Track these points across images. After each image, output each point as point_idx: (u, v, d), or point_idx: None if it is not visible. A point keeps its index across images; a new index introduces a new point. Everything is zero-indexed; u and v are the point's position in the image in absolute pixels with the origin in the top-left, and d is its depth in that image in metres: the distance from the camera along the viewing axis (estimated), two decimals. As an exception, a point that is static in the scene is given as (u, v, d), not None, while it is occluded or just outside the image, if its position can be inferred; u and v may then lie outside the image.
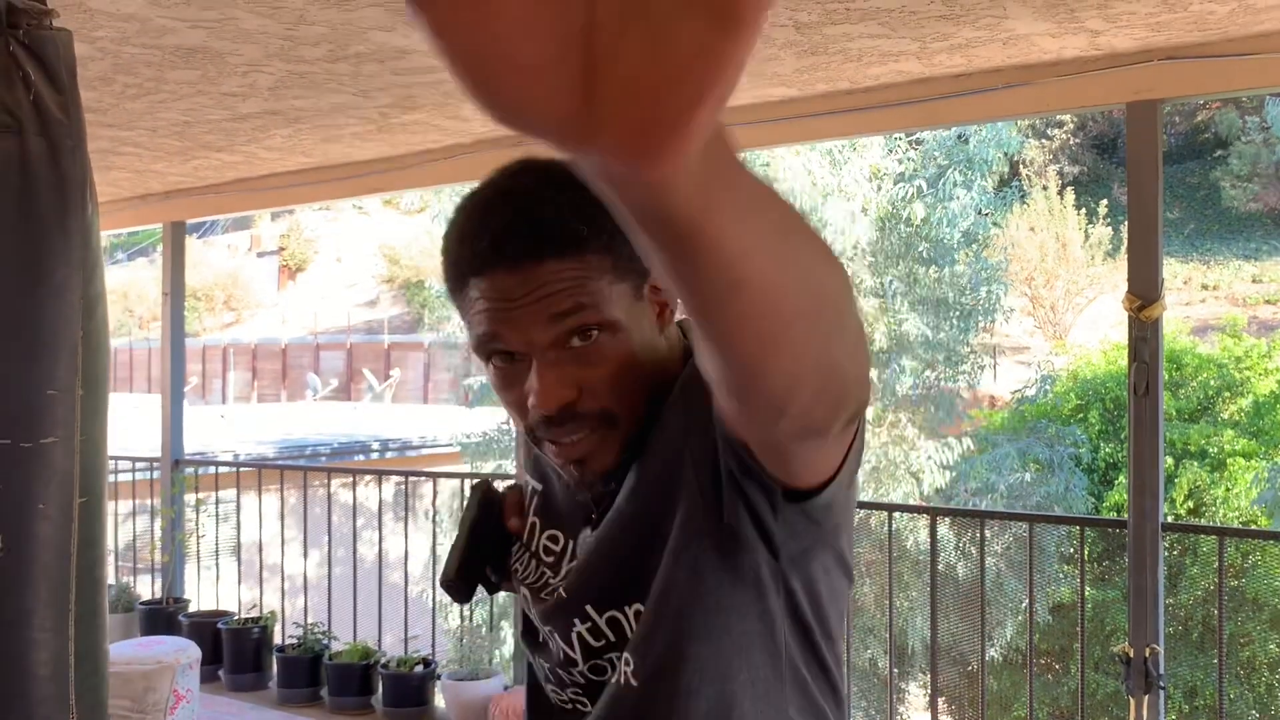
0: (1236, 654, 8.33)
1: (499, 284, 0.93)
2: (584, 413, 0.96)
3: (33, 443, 1.24)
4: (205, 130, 4.06)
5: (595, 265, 0.94)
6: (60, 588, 1.26)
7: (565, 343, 0.94)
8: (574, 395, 0.95)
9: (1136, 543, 3.17)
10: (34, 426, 1.25)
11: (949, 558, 8.89)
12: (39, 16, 1.26)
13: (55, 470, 1.26)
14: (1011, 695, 9.21)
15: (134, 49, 3.02)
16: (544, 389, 0.94)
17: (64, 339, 1.26)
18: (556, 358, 0.94)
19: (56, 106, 1.27)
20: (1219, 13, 2.74)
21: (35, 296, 1.26)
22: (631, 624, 0.99)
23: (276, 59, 3.13)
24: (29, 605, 1.24)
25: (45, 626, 1.25)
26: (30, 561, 1.24)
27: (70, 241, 1.27)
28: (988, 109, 3.45)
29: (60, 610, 1.26)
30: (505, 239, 0.92)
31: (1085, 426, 10.16)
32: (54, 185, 1.27)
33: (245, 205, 5.63)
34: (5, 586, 1.23)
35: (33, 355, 1.25)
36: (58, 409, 1.26)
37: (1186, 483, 9.20)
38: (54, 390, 1.26)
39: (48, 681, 1.25)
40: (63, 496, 1.26)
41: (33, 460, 1.24)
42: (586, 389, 0.95)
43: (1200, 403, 10.00)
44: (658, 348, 1.00)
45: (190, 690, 4.40)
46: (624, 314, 0.96)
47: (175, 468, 5.56)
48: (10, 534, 1.23)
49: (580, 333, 0.94)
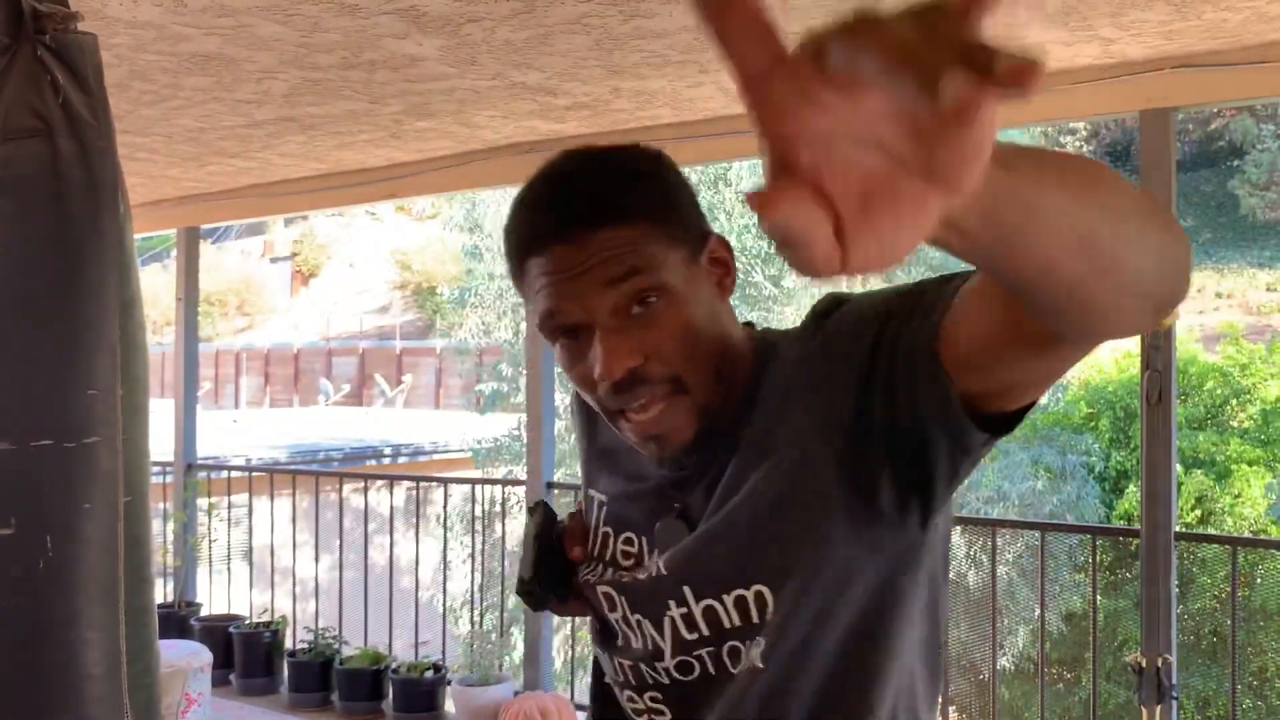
0: (1247, 664, 8.29)
1: (557, 257, 0.95)
2: (652, 378, 0.96)
3: (76, 443, 1.25)
4: (220, 136, 4.08)
5: (648, 232, 0.96)
6: (110, 587, 1.26)
7: (626, 310, 0.95)
8: (638, 360, 0.95)
9: (1149, 552, 3.16)
10: (77, 427, 1.26)
11: (960, 566, 8.86)
12: (65, 21, 1.28)
13: (100, 470, 1.27)
14: (1023, 705, 9.17)
15: (150, 56, 3.05)
16: (607, 355, 0.94)
17: (103, 339, 1.27)
18: (618, 324, 0.95)
19: (85, 109, 1.28)
20: (1232, 21, 2.74)
21: (72, 297, 1.27)
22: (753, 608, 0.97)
23: (291, 66, 3.15)
24: (79, 605, 1.25)
25: (96, 626, 1.26)
26: (78, 561, 1.25)
27: (104, 242, 1.28)
28: (1000, 117, 3.44)
29: (110, 609, 1.26)
30: (559, 213, 0.96)
31: (1096, 434, 10.13)
32: (86, 186, 1.28)
33: (259, 211, 5.65)
34: (55, 587, 1.24)
35: (72, 356, 1.26)
36: (99, 409, 1.27)
37: (1193, 491, 9.16)
38: (94, 390, 1.26)
39: (101, 680, 1.26)
40: (108, 496, 1.27)
41: (77, 461, 1.25)
42: (652, 354, 0.96)
43: (1207, 410, 9.96)
44: (720, 317, 1.01)
45: (202, 694, 4.42)
46: (681, 280, 0.97)
47: (188, 472, 5.58)
48: (57, 535, 1.24)
49: (639, 300, 0.95)
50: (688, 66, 3.13)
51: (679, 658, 1.02)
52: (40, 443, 1.24)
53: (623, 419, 0.99)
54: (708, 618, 0.99)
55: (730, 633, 0.99)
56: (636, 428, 0.98)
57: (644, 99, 3.50)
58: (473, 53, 3.01)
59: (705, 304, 0.99)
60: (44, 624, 1.24)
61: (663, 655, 1.03)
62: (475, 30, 2.81)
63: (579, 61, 3.09)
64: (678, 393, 0.96)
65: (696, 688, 1.02)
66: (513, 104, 3.56)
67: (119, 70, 3.17)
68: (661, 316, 0.95)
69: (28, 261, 1.26)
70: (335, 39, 2.89)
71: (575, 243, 0.95)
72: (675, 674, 1.03)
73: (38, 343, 1.26)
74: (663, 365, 0.96)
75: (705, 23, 0.47)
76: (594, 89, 3.38)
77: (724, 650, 1.00)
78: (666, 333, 0.95)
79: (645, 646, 1.04)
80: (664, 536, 1.04)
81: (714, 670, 1.01)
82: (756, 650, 0.97)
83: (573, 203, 0.96)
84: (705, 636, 1.00)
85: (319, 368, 22.99)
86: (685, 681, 1.02)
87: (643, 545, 1.07)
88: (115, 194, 1.32)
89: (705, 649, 1.00)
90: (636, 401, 0.96)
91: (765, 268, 10.60)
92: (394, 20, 2.73)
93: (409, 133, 4.00)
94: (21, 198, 1.25)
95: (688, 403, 0.97)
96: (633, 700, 1.07)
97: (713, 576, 0.99)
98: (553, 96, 3.47)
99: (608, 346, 0.94)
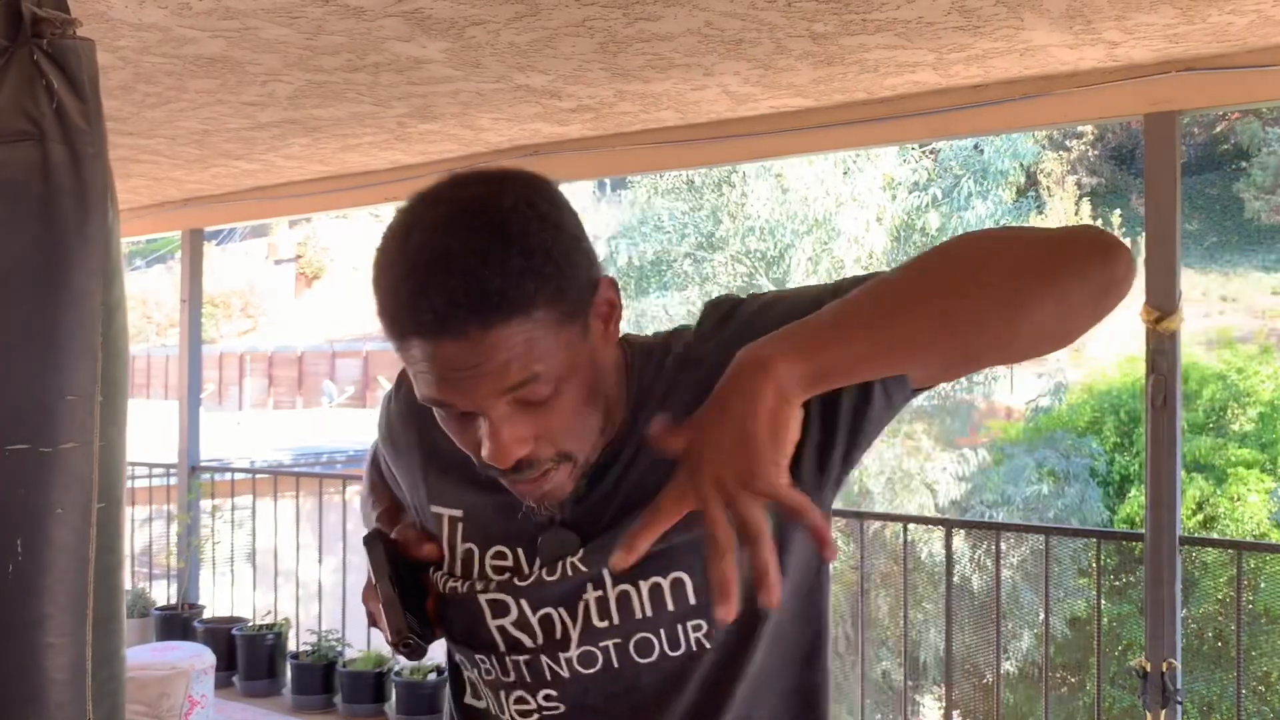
0: (1250, 669, 8.27)
1: (444, 353, 0.88)
2: (540, 458, 0.94)
3: (51, 448, 1.25)
4: (224, 139, 4.09)
5: (544, 322, 0.89)
6: (78, 593, 1.26)
7: (516, 403, 0.91)
8: (528, 448, 0.93)
9: (1154, 556, 3.15)
10: (53, 432, 1.26)
11: (964, 570, 8.85)
12: (63, 26, 1.28)
13: (74, 475, 1.26)
14: (1027, 709, 9.16)
15: (155, 58, 3.05)
16: (498, 447, 0.91)
17: (84, 345, 1.27)
18: (509, 413, 0.91)
19: (79, 115, 1.28)
20: (1238, 24, 2.73)
21: (55, 302, 1.27)
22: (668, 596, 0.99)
23: (295, 68, 3.15)
24: (46, 610, 1.25)
25: (63, 631, 1.25)
26: (48, 566, 1.25)
27: (90, 248, 1.28)
28: (1005, 120, 3.44)
29: (78, 615, 1.26)
30: (450, 311, 0.86)
31: (1100, 439, 10.12)
32: (75, 192, 1.28)
33: (263, 213, 5.66)
34: (23, 591, 1.24)
35: (52, 361, 1.26)
36: (77, 414, 1.27)
37: (1194, 495, 9.16)
38: (73, 396, 1.26)
39: (65, 686, 1.25)
40: (81, 502, 1.27)
41: (51, 465, 1.25)
42: (542, 437, 0.93)
43: (1208, 414, 9.95)
44: (604, 369, 0.98)
45: (204, 696, 4.41)
46: (576, 357, 0.92)
47: (192, 474, 5.59)
48: (28, 539, 1.24)
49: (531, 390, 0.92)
50: (692, 69, 3.13)
51: (584, 648, 1.01)
52: (15, 446, 1.24)
53: (504, 479, 0.97)
54: (620, 604, 1.00)
55: (640, 623, 1.00)
56: (517, 490, 0.98)
57: (648, 102, 3.49)
58: (477, 55, 3.01)
59: (591, 369, 0.95)
60: (9, 627, 1.24)
61: (569, 644, 1.02)
62: (479, 33, 2.81)
63: (583, 64, 3.09)
64: (564, 462, 0.96)
65: (596, 682, 1.02)
66: (517, 107, 3.56)
67: (124, 73, 3.17)
68: (553, 405, 0.92)
69: (12, 265, 1.26)
70: (340, 42, 2.89)
71: (466, 342, 0.87)
72: (577, 665, 1.02)
73: (17, 346, 1.26)
74: (551, 447, 0.94)
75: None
76: (598, 92, 3.38)
77: (631, 643, 1.01)
78: (556, 419, 0.93)
79: (549, 638, 1.02)
80: (552, 547, 1.02)
81: (617, 664, 1.01)
82: (696, 633, 1.00)
83: (467, 301, 0.86)
84: (615, 625, 1.01)
85: (323, 370, 23.01)
86: (585, 675, 1.02)
87: (519, 557, 1.04)
88: (105, 200, 1.32)
89: (612, 640, 1.01)
90: (524, 479, 0.95)
91: (770, 271, 10.60)
92: (398, 23, 2.73)
93: (413, 135, 4.01)
94: (10, 201, 1.25)
95: (572, 468, 0.97)
96: (522, 701, 1.05)
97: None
98: (557, 99, 3.47)
99: (498, 439, 0.91)
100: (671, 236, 11.21)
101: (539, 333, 0.89)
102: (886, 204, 10.26)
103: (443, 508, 1.09)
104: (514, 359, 0.88)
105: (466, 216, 0.91)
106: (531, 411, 0.91)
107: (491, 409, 0.90)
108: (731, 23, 2.72)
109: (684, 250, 11.15)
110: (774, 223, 10.60)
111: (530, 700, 1.05)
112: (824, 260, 10.64)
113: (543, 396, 0.91)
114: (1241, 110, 18.12)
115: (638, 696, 1.02)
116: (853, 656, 9.01)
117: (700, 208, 11.22)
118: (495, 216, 0.90)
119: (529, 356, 0.89)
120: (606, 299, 0.96)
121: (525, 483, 0.96)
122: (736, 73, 3.17)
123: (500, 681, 1.06)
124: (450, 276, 0.87)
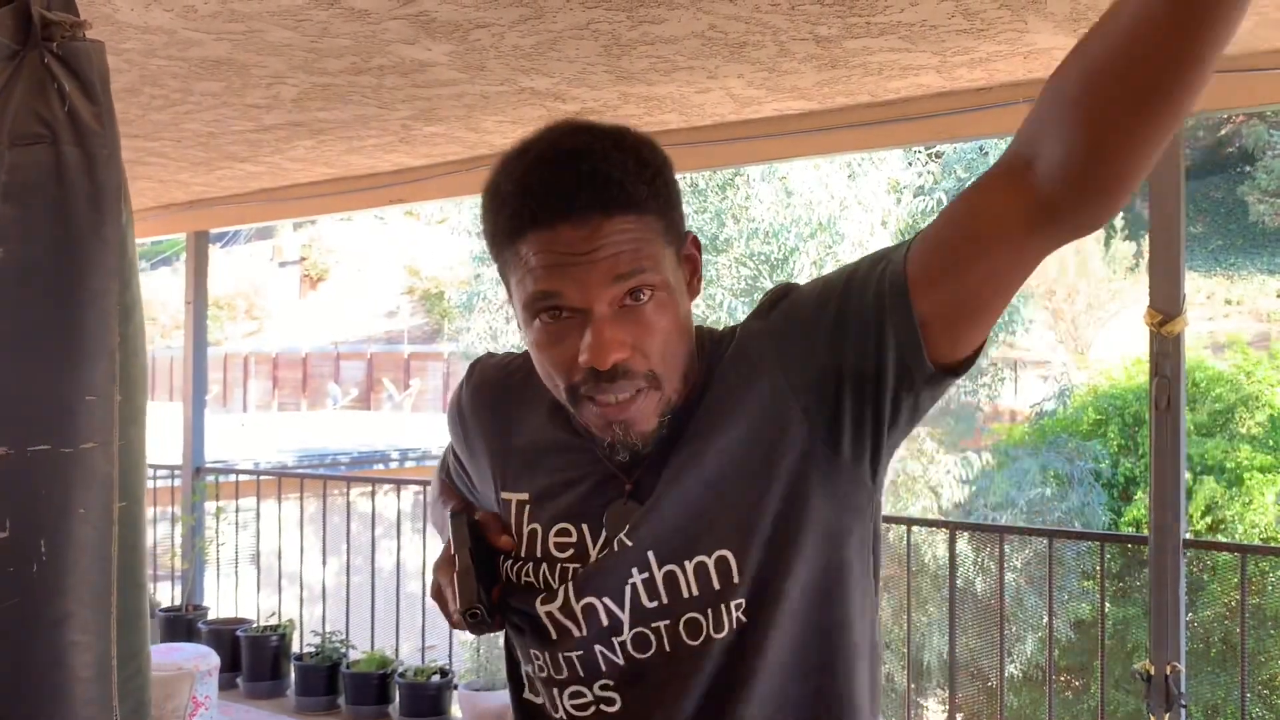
0: (1257, 673, 8.25)
1: (564, 238, 0.94)
2: (634, 371, 0.97)
3: (72, 448, 1.26)
4: (229, 141, 4.10)
5: (652, 227, 0.97)
6: (102, 591, 1.27)
7: (621, 301, 0.96)
8: (628, 353, 0.96)
9: (1157, 559, 3.15)
10: (73, 432, 1.26)
11: (968, 573, 8.84)
12: (72, 28, 1.28)
13: (95, 475, 1.27)
14: (1031, 712, 9.15)
15: (161, 61, 3.06)
16: (600, 345, 0.95)
17: (101, 345, 1.28)
18: (613, 315, 0.96)
19: (91, 117, 1.29)
20: (1242, 27, 2.73)
21: (73, 304, 1.27)
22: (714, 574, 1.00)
23: (300, 71, 3.16)
24: (71, 608, 1.25)
25: (87, 629, 1.26)
26: (71, 565, 1.25)
27: (106, 249, 1.29)
28: (1009, 123, 3.44)
29: (102, 613, 1.27)
30: (576, 193, 0.94)
31: (1105, 441, 10.10)
32: (89, 194, 1.28)
33: (268, 215, 5.67)
34: (47, 590, 1.24)
35: (71, 361, 1.27)
36: (96, 414, 1.27)
37: (1204, 498, 9.13)
38: (92, 396, 1.27)
39: (91, 683, 1.26)
40: (103, 501, 1.27)
41: (72, 465, 1.26)
42: (639, 348, 0.97)
43: (1216, 417, 9.93)
44: (690, 317, 1.04)
45: (208, 697, 4.42)
46: (671, 278, 0.99)
47: (196, 475, 5.60)
48: (51, 538, 1.24)
49: (635, 293, 0.96)
50: (696, 72, 3.13)
51: (637, 629, 1.02)
52: (37, 447, 1.25)
53: (590, 404, 0.99)
54: (668, 585, 1.01)
55: (688, 603, 1.01)
56: (604, 412, 0.99)
57: (652, 104, 3.50)
58: (481, 58, 3.01)
59: (683, 303, 1.02)
60: (35, 626, 1.25)
61: (621, 629, 1.02)
62: (484, 36, 2.82)
63: (587, 67, 3.09)
64: (652, 387, 0.99)
65: (652, 667, 1.02)
66: (521, 109, 3.57)
67: (129, 75, 3.18)
68: (652, 314, 0.97)
69: (30, 267, 1.27)
70: (345, 44, 2.90)
71: (587, 226, 0.94)
72: (631, 650, 1.02)
73: (38, 348, 1.27)
74: (645, 361, 0.98)
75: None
76: (602, 94, 3.39)
77: (681, 624, 1.01)
78: (654, 330, 0.98)
79: (599, 625, 1.03)
80: (617, 519, 1.04)
81: (670, 647, 1.01)
82: (736, 611, 1.00)
83: (592, 185, 0.94)
84: (665, 605, 1.01)
85: (327, 372, 23.03)
86: (640, 660, 1.02)
87: (583, 532, 1.06)
88: (119, 201, 1.32)
89: (663, 621, 1.01)
90: (617, 393, 0.98)
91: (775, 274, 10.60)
92: (403, 26, 2.74)
93: (417, 138, 4.01)
94: (25, 204, 1.26)
95: (657, 398, 1.00)
96: (578, 695, 1.05)
97: (676, 543, 1.01)
98: (561, 102, 3.48)
99: (601, 337, 0.95)
100: (675, 239, 11.18)
101: (648, 235, 0.97)
102: (891, 207, 10.26)
103: (512, 493, 1.12)
104: (626, 251, 0.95)
105: (588, 126, 1.01)
106: (632, 319, 0.96)
107: (598, 302, 0.95)
108: (735, 26, 2.72)
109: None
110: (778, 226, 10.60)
111: (587, 693, 1.05)
112: (829, 264, 10.64)
113: (644, 302, 0.96)
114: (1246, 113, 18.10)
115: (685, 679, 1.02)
116: (856, 659, 8.98)
117: (704, 210, 11.23)
118: (615, 130, 1.01)
119: (639, 254, 0.96)
120: (691, 254, 1.05)
121: (614, 404, 0.98)
122: (740, 75, 3.17)
123: (553, 679, 1.06)
124: (579, 164, 0.95)
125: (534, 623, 1.06)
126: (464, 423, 1.20)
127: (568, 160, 0.96)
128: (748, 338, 1.04)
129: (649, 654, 1.02)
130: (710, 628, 1.00)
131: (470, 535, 1.08)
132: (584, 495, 1.06)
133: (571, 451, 1.08)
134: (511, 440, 1.13)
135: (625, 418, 0.99)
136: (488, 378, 1.20)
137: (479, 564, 1.07)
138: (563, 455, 1.09)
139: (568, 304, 0.96)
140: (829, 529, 1.01)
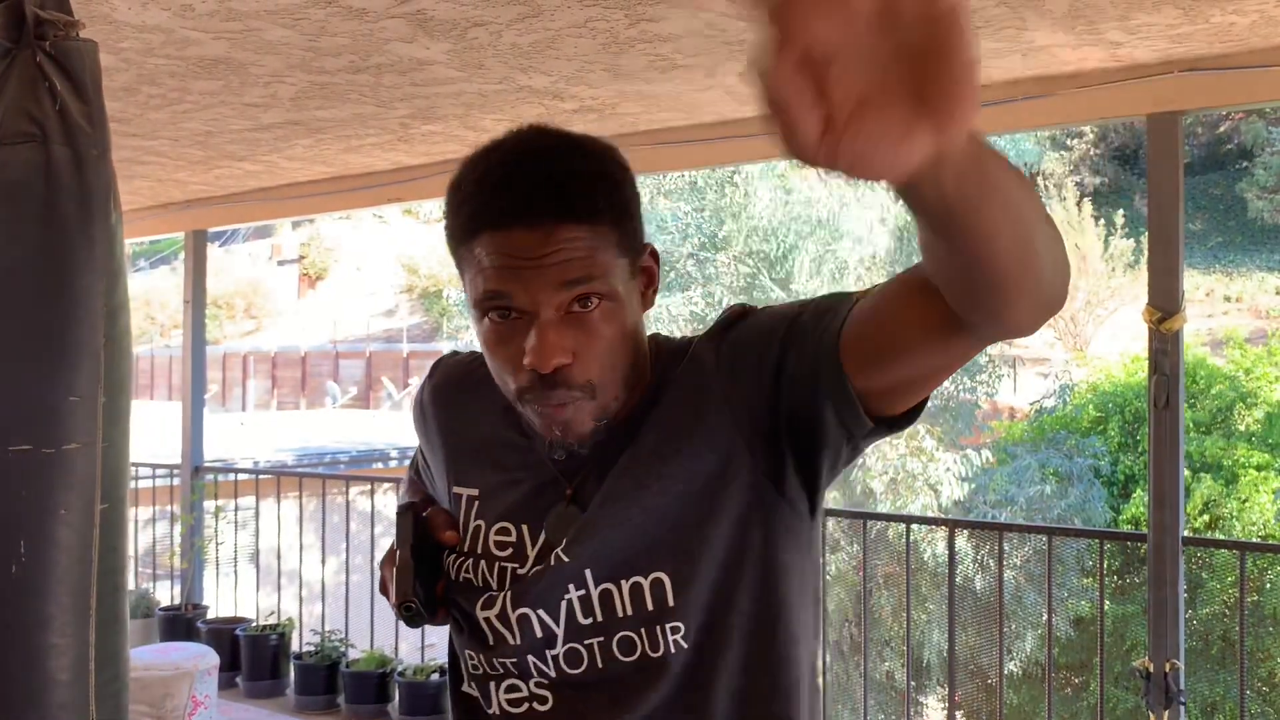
0: (1256, 670, 8.26)
1: (516, 240, 0.96)
2: (572, 380, 0.99)
3: (55, 449, 1.25)
4: (227, 140, 4.09)
5: (606, 237, 0.98)
6: (81, 593, 1.27)
7: (568, 307, 0.97)
8: (569, 359, 0.98)
9: (1156, 557, 3.15)
10: (56, 432, 1.26)
11: (967, 570, 8.84)
12: (66, 27, 1.28)
13: (77, 476, 1.27)
14: (1030, 710, 9.16)
15: (158, 60, 3.05)
16: (543, 348, 0.96)
17: (87, 346, 1.27)
18: (558, 320, 0.97)
19: (81, 116, 1.28)
20: (1240, 24, 2.73)
21: (58, 304, 1.27)
22: (648, 596, 1.01)
23: (298, 70, 3.16)
24: (49, 610, 1.25)
25: (66, 631, 1.26)
26: (51, 567, 1.25)
27: (94, 249, 1.28)
28: (1007, 121, 3.44)
29: (81, 615, 1.27)
30: (532, 195, 0.95)
31: (1104, 439, 10.11)
32: (77, 194, 1.28)
33: (266, 214, 5.67)
34: (26, 592, 1.24)
35: (55, 362, 1.26)
36: (80, 415, 1.27)
37: (1202, 496, 9.14)
38: (76, 396, 1.26)
39: (68, 686, 1.26)
40: (84, 502, 1.27)
41: (54, 466, 1.25)
42: (580, 356, 0.98)
43: (1215, 415, 9.93)
44: (640, 328, 1.05)
45: (208, 696, 4.42)
46: (621, 289, 1.00)
47: (195, 474, 5.59)
48: (31, 539, 1.24)
49: (583, 300, 0.98)
50: (694, 70, 3.13)
51: (570, 645, 1.03)
52: (18, 447, 1.24)
53: (534, 405, 1.01)
54: (603, 602, 1.02)
55: (623, 621, 1.01)
56: (543, 412, 1.01)
57: (650, 102, 3.50)
58: (479, 56, 3.01)
59: (634, 312, 1.03)
60: (12, 628, 1.24)
61: (555, 642, 1.03)
62: (482, 34, 2.81)
63: (585, 65, 3.09)
64: (587, 396, 1.00)
65: (584, 682, 1.03)
66: (519, 108, 3.57)
67: (127, 74, 3.18)
68: (598, 322, 0.99)
69: (15, 266, 1.27)
70: (342, 43, 2.90)
71: (541, 231, 0.95)
72: (564, 665, 1.04)
73: (21, 347, 1.27)
74: (584, 371, 0.99)
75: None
76: (600, 92, 3.38)
77: (614, 641, 1.02)
78: (598, 338, 0.99)
79: (534, 637, 1.04)
80: (557, 523, 1.05)
81: (602, 664, 1.02)
82: (674, 635, 1.01)
83: (548, 189, 0.96)
84: (599, 623, 1.02)
85: (326, 370, 23.03)
86: (572, 674, 1.03)
87: (522, 533, 1.07)
88: (108, 202, 1.32)
89: (597, 638, 1.02)
90: (555, 401, 1.00)
91: (774, 271, 10.60)
92: (401, 24, 2.74)
93: (416, 136, 4.01)
94: (13, 203, 1.26)
95: (593, 407, 1.01)
96: (514, 690, 1.06)
97: (614, 561, 1.02)
98: (559, 100, 3.48)
99: (545, 341, 0.96)
100: (674, 237, 11.21)
101: (601, 244, 0.97)
102: (890, 204, 10.26)
103: (463, 488, 1.14)
104: (577, 259, 0.96)
105: (553, 132, 1.02)
106: (576, 326, 0.98)
107: (544, 306, 0.96)
108: (733, 23, 2.72)
109: (687, 251, 11.16)
110: (777, 223, 10.60)
111: (523, 688, 1.06)
112: (828, 261, 10.64)
113: (591, 309, 0.97)
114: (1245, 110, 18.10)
115: (620, 690, 1.03)
116: (856, 657, 9.01)
117: (703, 208, 11.23)
118: (576, 138, 1.02)
119: (589, 262, 0.96)
120: (648, 266, 1.06)
121: (552, 405, 1.00)
122: (739, 73, 3.17)
123: (489, 675, 1.08)
124: (536, 169, 0.97)
125: (473, 624, 1.08)
126: (425, 418, 1.22)
127: (528, 164, 0.98)
128: (700, 359, 1.05)
129: (580, 669, 1.03)
130: (646, 647, 1.01)
131: (414, 532, 1.10)
132: (526, 495, 1.08)
133: (519, 451, 1.10)
134: (466, 436, 1.15)
135: (563, 419, 1.01)
136: (450, 375, 1.22)
137: (424, 559, 1.09)
138: (510, 454, 1.11)
139: (516, 305, 0.97)
140: (770, 562, 1.02)
